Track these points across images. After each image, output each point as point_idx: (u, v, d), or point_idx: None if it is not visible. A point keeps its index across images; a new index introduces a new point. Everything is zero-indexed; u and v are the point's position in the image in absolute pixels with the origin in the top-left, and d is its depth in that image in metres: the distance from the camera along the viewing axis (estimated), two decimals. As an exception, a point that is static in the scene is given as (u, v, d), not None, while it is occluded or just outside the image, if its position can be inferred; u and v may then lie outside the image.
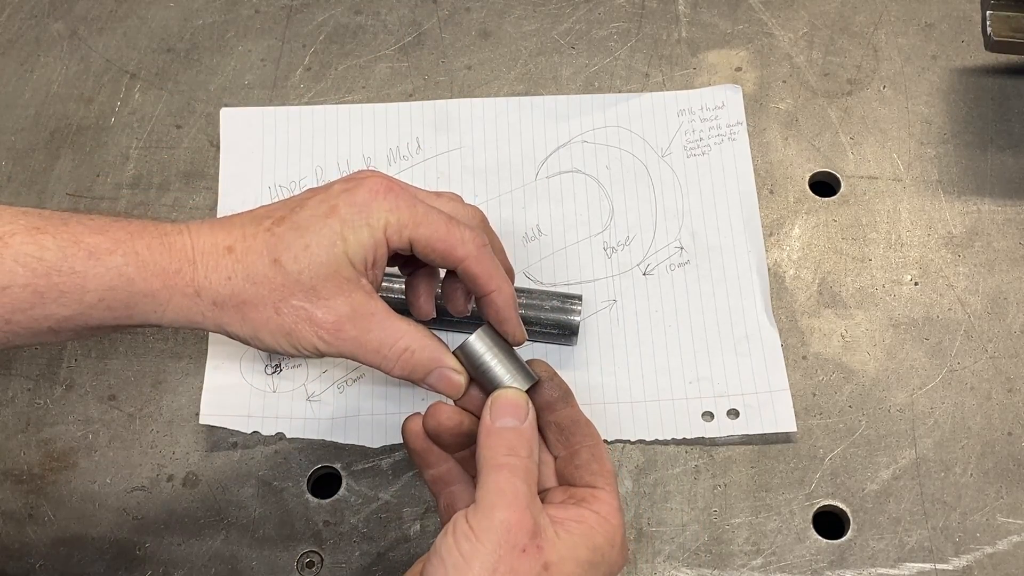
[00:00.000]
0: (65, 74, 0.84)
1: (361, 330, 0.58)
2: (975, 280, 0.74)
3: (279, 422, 0.70)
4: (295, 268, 0.57)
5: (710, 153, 0.78)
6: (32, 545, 0.67)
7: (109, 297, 0.56)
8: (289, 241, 0.57)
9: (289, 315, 0.57)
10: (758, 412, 0.69)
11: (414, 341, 0.58)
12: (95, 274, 0.55)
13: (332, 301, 0.57)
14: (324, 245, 0.57)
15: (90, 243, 0.56)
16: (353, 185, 0.58)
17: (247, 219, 0.59)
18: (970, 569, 0.65)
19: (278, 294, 0.57)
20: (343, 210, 0.57)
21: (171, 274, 0.57)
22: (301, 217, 0.58)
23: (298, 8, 0.86)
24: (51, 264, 0.55)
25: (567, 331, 0.70)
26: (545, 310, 0.70)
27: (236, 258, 0.57)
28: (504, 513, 0.52)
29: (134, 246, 0.56)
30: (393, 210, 0.58)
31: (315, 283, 0.57)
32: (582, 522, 0.54)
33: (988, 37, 0.77)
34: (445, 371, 0.59)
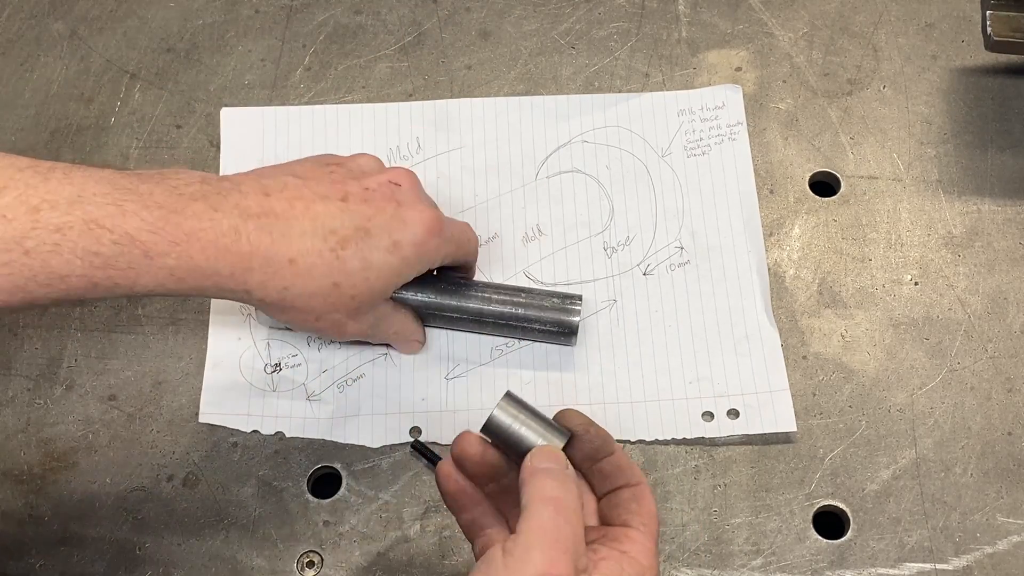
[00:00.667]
0: (65, 74, 0.84)
1: (376, 330, 0.67)
2: (975, 280, 0.74)
3: (279, 421, 0.70)
4: (351, 293, 0.62)
5: (710, 153, 0.78)
6: (32, 545, 0.67)
7: (159, 289, 0.58)
8: (352, 270, 0.61)
9: (326, 322, 0.64)
10: (758, 412, 0.69)
11: (403, 327, 0.69)
12: (148, 271, 0.57)
13: (364, 316, 0.65)
14: (383, 279, 0.63)
15: (146, 242, 0.56)
16: (412, 216, 0.64)
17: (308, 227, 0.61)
18: (970, 569, 0.65)
19: (326, 309, 0.62)
20: (406, 250, 0.63)
21: (224, 276, 0.59)
22: (366, 247, 0.62)
23: (298, 8, 0.86)
24: (107, 260, 0.56)
25: (566, 330, 0.70)
26: (545, 308, 0.70)
27: (296, 272, 0.60)
28: (541, 554, 0.50)
29: (189, 250, 0.57)
30: (443, 247, 0.65)
31: (361, 306, 0.64)
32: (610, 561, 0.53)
33: (988, 37, 0.77)
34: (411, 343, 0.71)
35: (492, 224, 0.76)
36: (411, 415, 0.70)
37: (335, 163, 0.66)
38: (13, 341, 0.73)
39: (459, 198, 0.77)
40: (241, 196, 0.60)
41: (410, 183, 0.66)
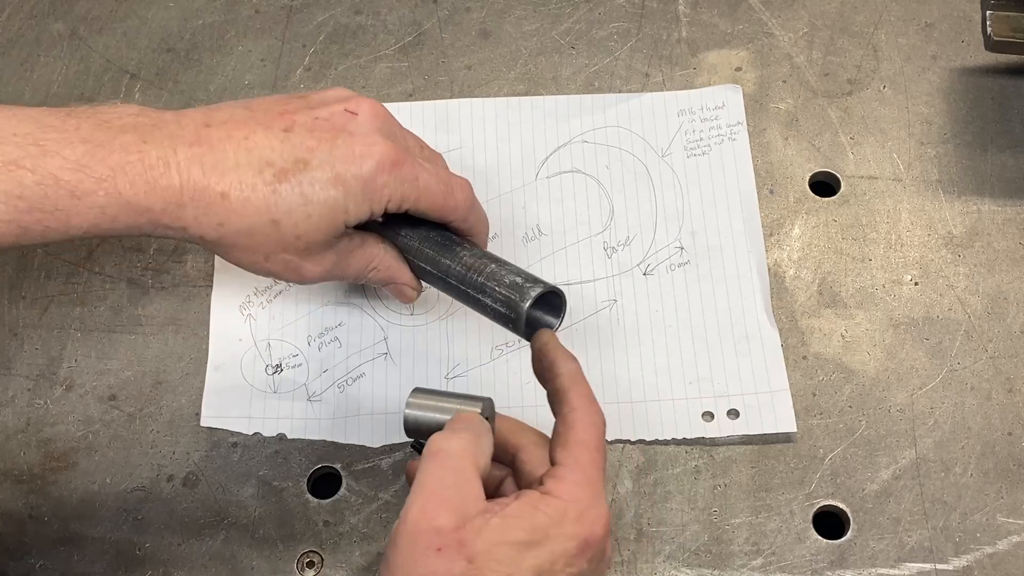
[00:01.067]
0: (65, 74, 0.84)
1: (342, 268, 0.62)
2: (975, 280, 0.74)
3: (280, 423, 0.70)
4: (293, 232, 0.57)
5: (710, 153, 0.78)
6: (32, 545, 0.67)
7: (94, 229, 0.55)
8: (291, 205, 0.57)
9: (277, 263, 0.59)
10: (758, 412, 0.69)
11: (380, 262, 0.64)
12: (78, 212, 0.54)
13: (321, 255, 0.60)
14: (326, 216, 0.58)
15: (70, 182, 0.54)
16: (360, 149, 0.58)
17: (243, 159, 0.56)
18: (970, 569, 0.65)
19: (271, 248, 0.58)
20: (350, 183, 0.57)
21: (156, 212, 0.55)
22: (305, 180, 0.57)
23: (298, 8, 0.86)
24: (32, 202, 0.53)
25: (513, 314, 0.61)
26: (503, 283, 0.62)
27: (230, 207, 0.56)
28: (416, 506, 0.50)
29: (116, 185, 0.54)
30: (397, 187, 0.59)
31: (310, 246, 0.58)
32: (522, 503, 0.52)
33: (988, 37, 0.77)
34: (399, 286, 0.66)
35: (492, 224, 0.76)
36: (411, 415, 0.70)
37: (299, 96, 0.61)
38: (13, 341, 0.73)
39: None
40: (178, 127, 0.57)
41: (370, 113, 0.60)
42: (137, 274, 0.76)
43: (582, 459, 0.54)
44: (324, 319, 0.73)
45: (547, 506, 0.52)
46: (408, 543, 0.50)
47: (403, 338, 0.73)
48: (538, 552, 0.51)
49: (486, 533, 0.50)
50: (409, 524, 0.50)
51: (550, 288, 0.62)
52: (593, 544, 0.52)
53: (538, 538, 0.51)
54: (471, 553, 0.49)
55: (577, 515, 0.52)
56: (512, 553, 0.50)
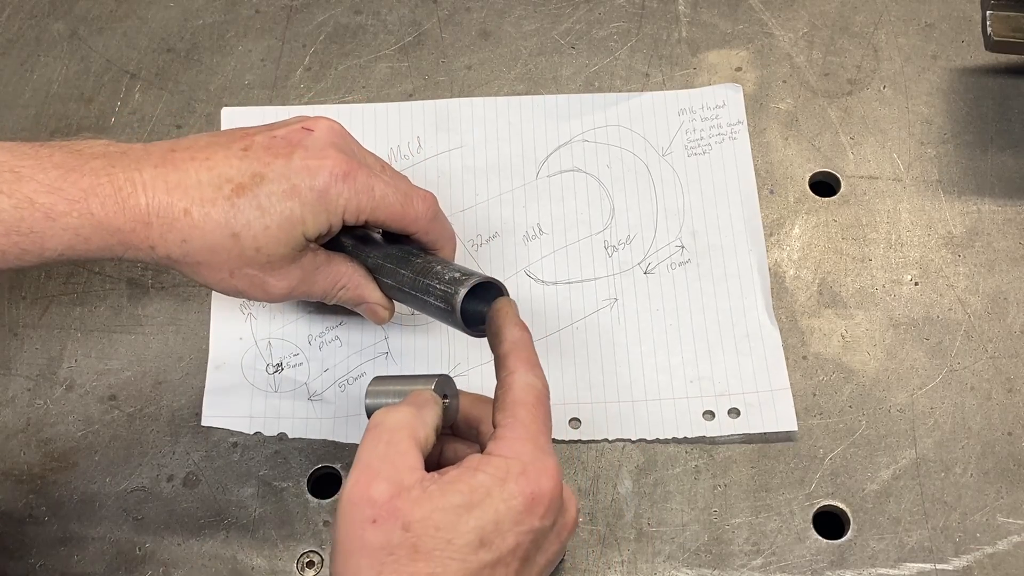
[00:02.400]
0: (65, 74, 0.84)
1: (308, 285, 0.63)
2: (975, 280, 0.74)
3: (281, 422, 0.70)
4: (253, 245, 0.59)
5: (711, 152, 0.78)
6: (32, 545, 0.67)
7: (68, 252, 0.57)
8: (249, 218, 0.58)
9: (243, 280, 0.61)
10: (759, 411, 0.69)
11: (349, 281, 0.64)
12: (52, 234, 0.56)
13: (285, 271, 0.61)
14: (284, 227, 0.59)
15: (45, 204, 0.55)
16: (315, 164, 0.60)
17: (204, 177, 0.58)
18: (970, 569, 0.65)
19: (234, 263, 0.59)
20: (304, 193, 0.59)
21: (126, 232, 0.57)
22: (262, 193, 0.59)
23: (298, 8, 0.86)
24: (9, 225, 0.55)
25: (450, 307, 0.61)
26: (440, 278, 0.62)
27: (192, 223, 0.58)
28: (352, 487, 0.51)
29: (88, 206, 0.56)
30: (352, 197, 0.60)
31: (271, 260, 0.60)
32: (462, 468, 0.52)
33: (988, 37, 0.77)
34: (370, 305, 0.66)
35: (493, 223, 0.76)
36: (411, 414, 0.70)
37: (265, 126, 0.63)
38: (13, 341, 0.73)
39: (460, 197, 0.77)
40: (145, 153, 0.59)
41: (327, 131, 0.62)
42: (137, 274, 0.76)
43: (521, 416, 0.54)
44: (325, 318, 0.73)
45: (487, 465, 0.52)
46: (346, 517, 0.51)
47: (404, 337, 0.73)
48: (479, 514, 0.50)
49: (423, 500, 0.50)
50: (345, 498, 0.51)
51: (484, 279, 0.62)
52: (542, 499, 0.52)
53: (477, 499, 0.51)
54: (407, 521, 0.50)
55: (520, 470, 0.52)
56: (451, 517, 0.50)
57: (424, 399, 0.57)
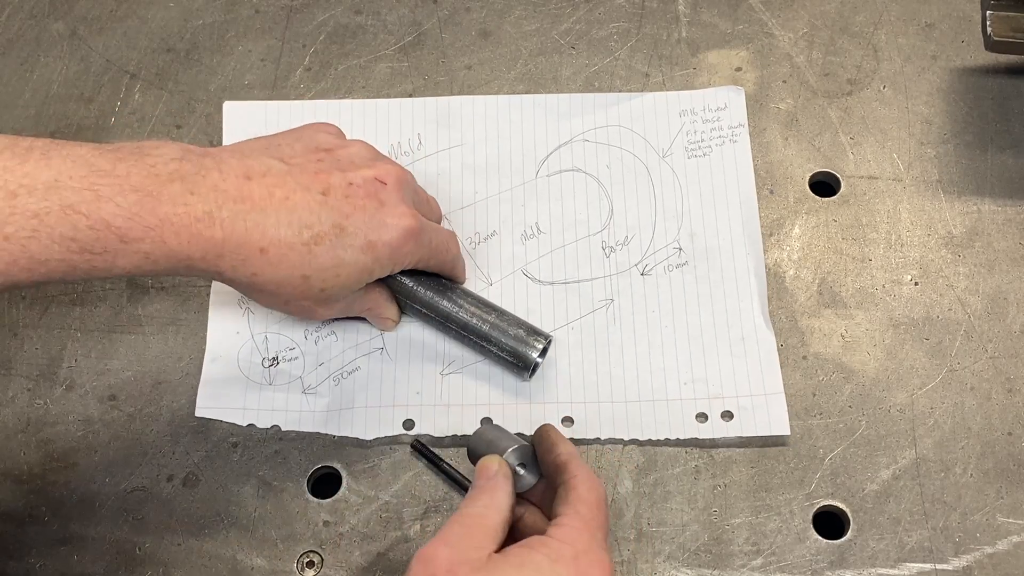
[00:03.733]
0: (65, 74, 0.84)
1: (345, 311, 0.69)
2: (975, 280, 0.74)
3: (275, 415, 0.70)
4: (320, 287, 0.63)
5: (711, 154, 0.78)
6: (32, 545, 0.67)
7: (135, 271, 0.59)
8: (323, 265, 0.62)
9: (296, 307, 0.66)
10: (752, 414, 0.69)
11: (377, 305, 0.70)
12: (124, 255, 0.58)
13: (336, 305, 0.67)
14: (353, 276, 0.64)
15: (121, 228, 0.57)
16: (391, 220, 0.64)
17: (284, 219, 0.60)
18: (970, 569, 0.65)
19: (295, 295, 0.63)
20: (379, 249, 0.63)
21: (196, 260, 0.59)
22: (340, 246, 0.62)
23: (298, 8, 0.86)
24: (84, 244, 0.56)
25: (521, 363, 0.69)
26: (507, 335, 0.69)
27: (268, 261, 0.60)
28: (423, 549, 0.55)
29: (163, 235, 0.58)
30: (417, 251, 0.66)
31: (331, 298, 0.65)
32: (521, 546, 0.55)
33: (988, 37, 0.77)
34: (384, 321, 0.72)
35: (491, 221, 0.76)
36: (405, 408, 0.70)
37: (325, 150, 0.66)
38: (13, 341, 0.74)
39: (459, 195, 0.77)
40: (221, 177, 0.60)
41: (396, 182, 0.65)
42: (137, 274, 0.76)
43: (582, 511, 0.57)
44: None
45: (543, 546, 0.55)
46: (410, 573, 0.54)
47: (399, 333, 0.73)
48: None
49: (480, 570, 0.53)
50: (412, 561, 0.55)
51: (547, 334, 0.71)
52: None
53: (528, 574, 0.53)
54: None
55: (572, 555, 0.55)
56: None
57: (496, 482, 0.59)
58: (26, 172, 0.56)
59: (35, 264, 0.56)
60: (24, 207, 0.55)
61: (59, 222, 0.55)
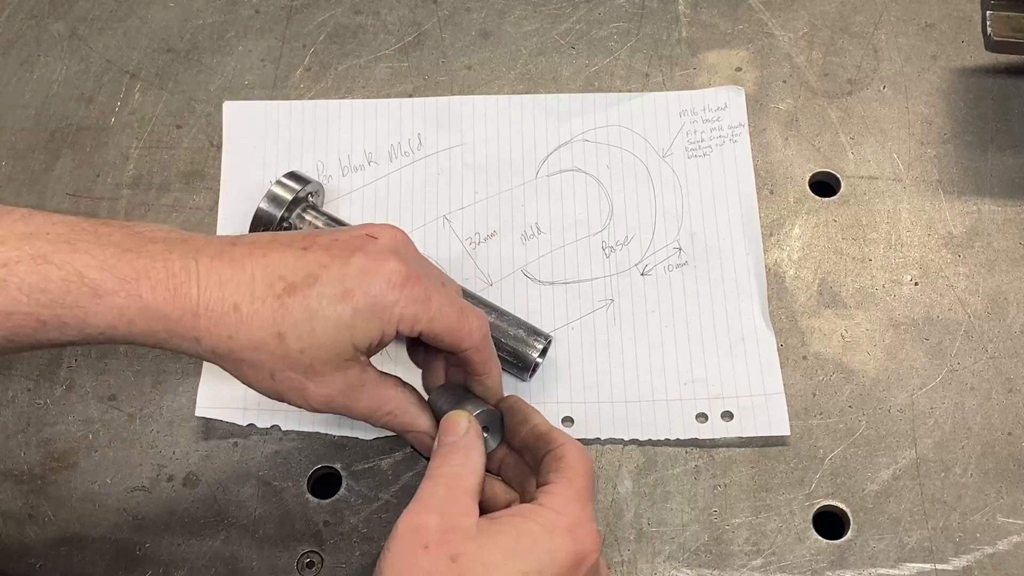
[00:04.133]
0: (65, 74, 0.84)
1: (351, 400, 0.59)
2: (975, 280, 0.74)
3: (275, 414, 0.70)
4: (297, 347, 0.56)
5: (711, 155, 0.78)
6: (32, 545, 0.67)
7: (110, 332, 0.55)
8: (296, 319, 0.56)
9: (283, 383, 0.58)
10: (752, 415, 0.69)
11: (397, 407, 0.61)
12: (97, 312, 0.54)
13: (327, 378, 0.58)
14: (331, 332, 0.56)
15: (95, 280, 0.54)
16: (373, 265, 0.57)
17: (258, 274, 0.56)
18: (970, 569, 0.65)
19: (276, 364, 0.57)
20: (358, 298, 0.56)
21: (173, 321, 0.55)
22: (312, 295, 0.56)
23: (298, 8, 0.86)
24: (54, 297, 0.54)
25: (521, 363, 0.69)
26: (508, 336, 0.69)
27: (241, 320, 0.56)
28: (409, 516, 0.53)
29: (139, 289, 0.55)
30: (408, 305, 0.57)
31: (314, 364, 0.57)
32: (513, 512, 0.54)
33: (988, 37, 0.77)
34: (417, 435, 0.62)
35: (491, 221, 0.76)
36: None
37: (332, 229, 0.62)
38: (13, 341, 0.74)
39: (459, 195, 0.77)
40: (205, 243, 0.57)
41: (390, 240, 0.59)
42: (137, 274, 0.76)
43: (574, 479, 0.56)
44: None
45: (538, 516, 0.54)
46: (397, 541, 0.52)
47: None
48: (526, 558, 0.52)
49: (474, 537, 0.52)
50: (399, 526, 0.53)
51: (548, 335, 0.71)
52: (584, 560, 0.54)
53: (526, 545, 0.52)
54: (456, 552, 0.51)
55: (568, 527, 0.53)
56: (498, 557, 0.51)
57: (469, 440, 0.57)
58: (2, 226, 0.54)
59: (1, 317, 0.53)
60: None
61: (29, 272, 0.53)
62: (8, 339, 0.54)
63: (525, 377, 0.70)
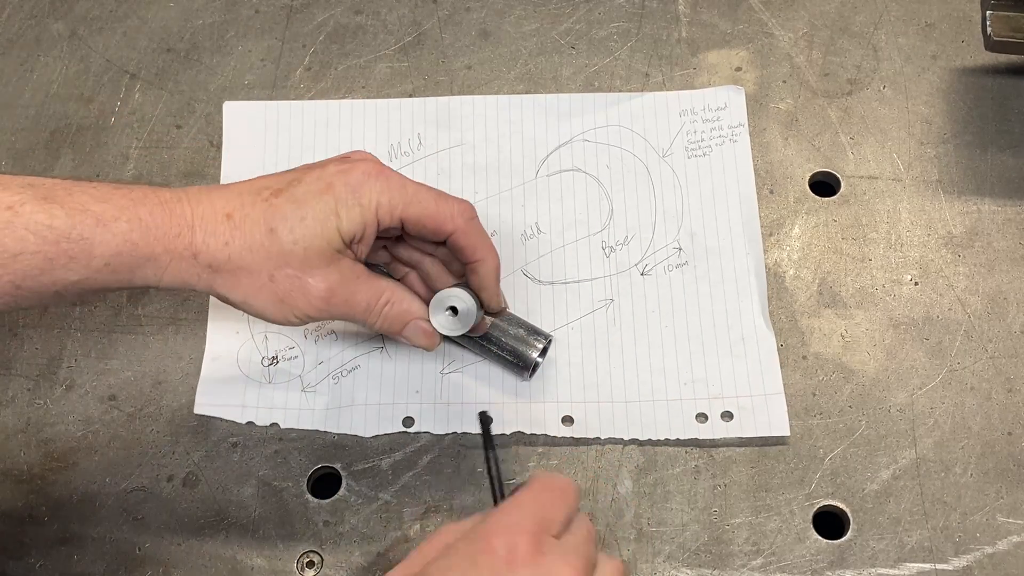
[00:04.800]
0: (65, 74, 0.84)
1: (350, 293, 0.63)
2: (975, 280, 0.74)
3: (274, 412, 0.70)
4: (290, 239, 0.61)
5: (711, 154, 0.78)
6: (31, 545, 0.67)
7: (115, 262, 0.59)
8: (286, 212, 0.61)
9: (283, 283, 0.61)
10: (752, 415, 0.69)
11: (394, 295, 0.65)
12: (102, 240, 0.58)
13: (324, 270, 0.62)
14: (319, 219, 0.61)
15: (96, 210, 0.58)
16: (348, 166, 0.62)
17: (245, 188, 0.62)
18: (970, 569, 0.65)
19: (273, 262, 0.61)
20: (338, 188, 0.61)
21: (171, 238, 0.60)
22: (298, 191, 0.61)
23: (298, 8, 0.86)
24: (60, 231, 0.57)
25: (522, 363, 0.69)
26: (508, 335, 0.69)
27: (234, 224, 0.61)
28: None
29: (137, 212, 0.59)
30: (384, 191, 0.62)
31: (308, 254, 0.61)
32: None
33: (988, 37, 0.77)
34: (419, 323, 0.65)
35: (491, 221, 0.76)
36: (404, 406, 0.70)
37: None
38: (13, 341, 0.74)
39: (459, 195, 0.76)
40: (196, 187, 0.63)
41: (363, 154, 0.65)
42: (137, 274, 0.76)
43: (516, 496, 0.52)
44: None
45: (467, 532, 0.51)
46: None
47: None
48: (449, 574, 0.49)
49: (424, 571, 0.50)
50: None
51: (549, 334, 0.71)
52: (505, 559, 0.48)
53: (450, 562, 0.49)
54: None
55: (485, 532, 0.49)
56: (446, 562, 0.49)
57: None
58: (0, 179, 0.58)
59: (7, 259, 0.56)
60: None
61: (35, 210, 0.57)
62: (15, 284, 0.57)
63: (525, 377, 0.70)
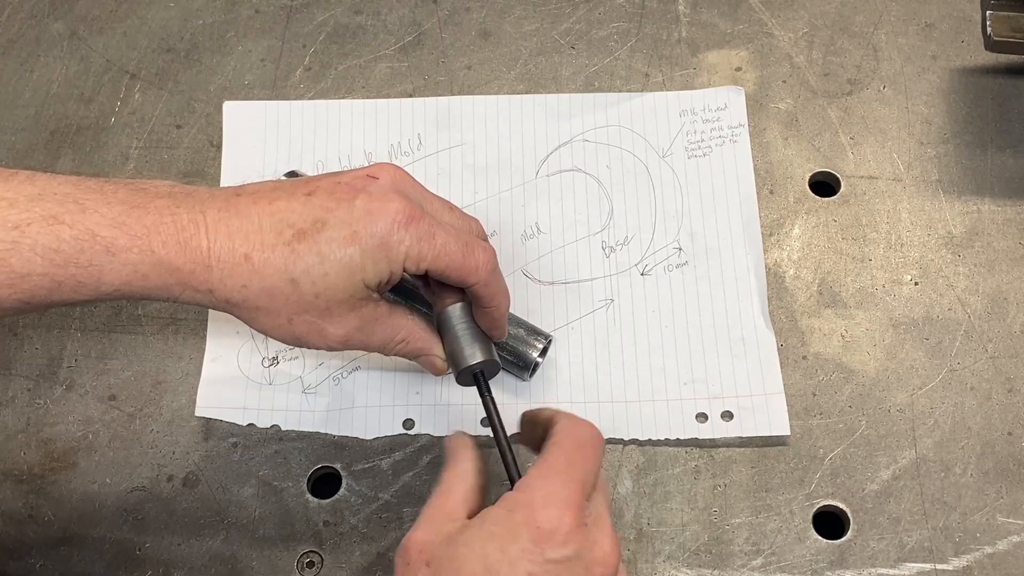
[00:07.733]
0: (65, 74, 0.84)
1: (367, 335, 0.62)
2: (975, 280, 0.74)
3: (275, 414, 0.70)
4: (312, 291, 0.58)
5: (711, 155, 0.78)
6: (32, 545, 0.67)
7: (125, 289, 0.56)
8: (309, 264, 0.57)
9: (301, 326, 0.60)
10: (752, 415, 0.69)
11: (410, 334, 0.63)
12: (111, 269, 0.55)
13: (343, 318, 0.60)
14: (343, 274, 0.58)
15: (107, 237, 0.55)
16: (376, 206, 0.59)
17: (267, 223, 0.58)
18: (970, 569, 0.65)
19: (292, 309, 0.58)
20: (364, 239, 0.58)
21: (185, 274, 0.57)
22: (322, 240, 0.58)
23: (298, 8, 0.86)
24: (68, 256, 0.55)
25: (521, 363, 0.69)
26: (508, 335, 0.68)
27: (253, 268, 0.57)
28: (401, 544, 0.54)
29: (150, 243, 0.56)
30: (414, 244, 0.59)
31: (329, 305, 0.59)
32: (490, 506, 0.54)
33: (988, 37, 0.77)
34: (431, 358, 0.65)
35: (491, 221, 0.76)
36: (405, 407, 0.70)
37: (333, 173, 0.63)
38: (13, 341, 0.74)
39: (459, 195, 0.77)
40: (210, 195, 0.59)
41: (390, 178, 0.61)
42: (137, 274, 0.76)
43: (549, 454, 0.55)
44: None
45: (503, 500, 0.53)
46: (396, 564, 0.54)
47: (401, 335, 0.73)
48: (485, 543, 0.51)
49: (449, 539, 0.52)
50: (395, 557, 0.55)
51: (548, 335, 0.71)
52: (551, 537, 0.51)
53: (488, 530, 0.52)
54: (430, 557, 0.52)
55: (527, 502, 0.52)
56: (463, 550, 0.52)
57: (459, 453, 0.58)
58: (9, 188, 0.55)
59: (15, 279, 0.54)
60: (4, 219, 0.53)
61: (41, 232, 0.54)
62: (24, 301, 0.55)
63: (525, 377, 0.70)
